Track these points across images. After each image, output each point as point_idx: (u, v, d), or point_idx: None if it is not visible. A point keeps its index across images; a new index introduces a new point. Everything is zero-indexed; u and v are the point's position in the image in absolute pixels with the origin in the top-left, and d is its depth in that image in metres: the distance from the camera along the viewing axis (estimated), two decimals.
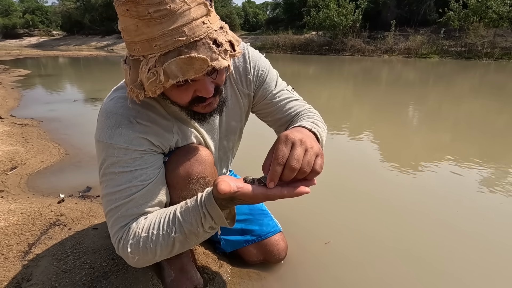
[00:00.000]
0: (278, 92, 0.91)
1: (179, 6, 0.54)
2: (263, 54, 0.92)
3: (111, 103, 0.71)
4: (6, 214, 1.24)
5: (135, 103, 0.69)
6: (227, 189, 0.57)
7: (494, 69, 10.02)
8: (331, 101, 4.66)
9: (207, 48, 0.57)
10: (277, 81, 0.92)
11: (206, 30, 0.57)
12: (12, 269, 0.96)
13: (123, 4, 0.54)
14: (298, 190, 0.59)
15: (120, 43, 31.21)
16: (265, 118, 0.96)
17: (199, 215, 0.65)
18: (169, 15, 0.54)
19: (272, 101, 0.90)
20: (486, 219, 1.39)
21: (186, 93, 0.64)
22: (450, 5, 15.45)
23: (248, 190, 0.60)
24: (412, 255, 1.15)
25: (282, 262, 1.08)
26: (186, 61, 0.56)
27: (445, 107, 4.17)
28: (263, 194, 0.60)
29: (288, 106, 0.91)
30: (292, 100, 0.92)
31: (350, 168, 1.99)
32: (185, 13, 0.55)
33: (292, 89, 0.95)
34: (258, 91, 0.90)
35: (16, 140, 2.29)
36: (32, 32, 42.70)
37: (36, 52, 19.48)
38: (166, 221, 0.68)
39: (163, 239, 0.67)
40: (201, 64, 0.56)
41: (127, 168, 0.68)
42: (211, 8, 0.59)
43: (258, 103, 0.92)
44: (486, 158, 2.12)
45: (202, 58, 0.56)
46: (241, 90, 0.88)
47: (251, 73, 0.86)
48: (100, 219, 1.28)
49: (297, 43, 20.71)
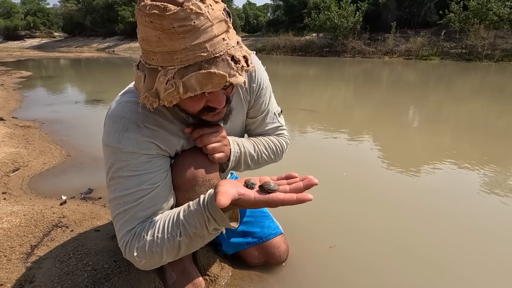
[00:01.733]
0: (267, 111, 0.97)
1: (202, 22, 0.55)
2: (264, 55, 0.95)
3: (119, 107, 0.72)
4: (9, 216, 1.24)
5: (143, 108, 0.71)
6: (227, 201, 0.58)
7: (495, 70, 10.03)
8: (332, 102, 4.67)
9: (226, 64, 0.58)
10: (270, 98, 0.97)
11: (225, 47, 0.59)
12: (15, 271, 0.96)
13: (147, 16, 0.54)
14: (298, 197, 0.60)
15: (121, 45, 31.33)
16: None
17: (203, 218, 0.66)
18: (192, 30, 0.55)
19: (257, 117, 0.96)
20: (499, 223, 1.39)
21: (198, 103, 0.65)
22: (451, 7, 15.47)
23: (249, 197, 0.62)
24: (415, 256, 1.15)
25: (284, 264, 1.09)
26: (206, 76, 0.57)
27: (446, 109, 4.17)
28: (264, 201, 0.61)
29: (263, 128, 0.98)
30: (272, 126, 0.99)
31: (351, 169, 1.99)
32: (208, 29, 0.56)
33: (280, 113, 1.02)
34: (254, 101, 0.92)
35: (18, 142, 2.30)
36: (34, 33, 42.90)
37: (37, 53, 19.55)
38: (170, 225, 0.69)
39: (168, 242, 0.68)
40: (220, 79, 0.58)
41: (136, 172, 0.69)
42: (230, 25, 0.61)
43: (248, 110, 0.95)
44: (488, 160, 2.12)
45: (222, 74, 0.57)
46: (245, 96, 0.90)
47: (255, 82, 0.89)
48: (102, 221, 1.29)
49: (298, 44, 20.74)
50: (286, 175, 0.69)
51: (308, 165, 2.05)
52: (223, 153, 0.80)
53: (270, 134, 0.99)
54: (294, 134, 2.78)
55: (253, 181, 0.66)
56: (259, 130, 0.99)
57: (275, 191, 0.63)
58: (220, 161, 0.81)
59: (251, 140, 0.93)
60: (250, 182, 0.65)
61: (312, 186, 0.63)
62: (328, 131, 2.88)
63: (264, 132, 0.99)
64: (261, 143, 0.94)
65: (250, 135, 1.01)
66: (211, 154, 0.78)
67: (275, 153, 0.97)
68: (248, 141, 0.92)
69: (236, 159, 0.86)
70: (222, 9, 0.59)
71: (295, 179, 0.68)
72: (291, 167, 1.56)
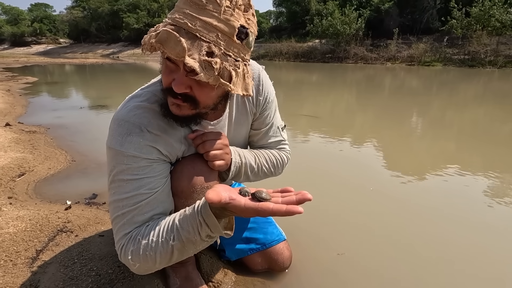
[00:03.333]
0: (271, 124, 0.98)
1: (211, 7, 0.58)
2: (267, 60, 0.96)
3: (125, 111, 0.73)
4: (15, 221, 1.26)
5: (147, 111, 0.72)
6: (215, 198, 0.59)
7: (498, 77, 10.00)
8: (335, 108, 4.68)
9: (197, 48, 0.58)
10: (275, 112, 0.99)
11: (212, 39, 0.59)
12: (20, 276, 0.97)
13: None
14: (288, 208, 0.59)
15: (125, 51, 31.69)
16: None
17: (196, 223, 0.67)
18: (199, 4, 0.58)
19: (261, 129, 0.97)
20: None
21: (166, 74, 0.66)
22: (453, 13, 15.53)
23: (239, 203, 0.62)
24: (418, 260, 1.14)
25: (287, 271, 1.08)
26: (172, 37, 0.57)
27: (449, 115, 4.16)
28: (254, 209, 0.61)
29: (266, 140, 0.99)
30: (275, 140, 1.01)
31: (354, 174, 1.99)
32: (211, 14, 0.59)
33: (283, 128, 1.04)
34: (259, 113, 0.94)
35: (24, 147, 2.33)
36: (40, 40, 43.53)
37: (43, 59, 19.84)
38: (165, 229, 0.69)
39: (162, 246, 0.68)
40: (179, 49, 0.57)
41: (136, 176, 0.70)
42: (237, 40, 0.61)
43: (252, 122, 0.97)
44: (491, 167, 2.11)
45: (183, 46, 0.57)
46: (251, 108, 0.91)
47: (262, 95, 0.91)
48: (106, 226, 1.30)
49: (300, 51, 20.86)
50: (281, 189, 0.68)
51: (309, 170, 2.05)
52: (223, 161, 0.80)
53: (272, 147, 1.00)
54: (296, 139, 2.79)
55: (247, 189, 0.66)
56: (262, 143, 1.00)
57: (267, 200, 0.62)
58: (220, 169, 0.81)
59: (253, 152, 0.93)
60: (244, 190, 0.65)
61: (305, 201, 0.61)
62: (331, 137, 2.89)
63: (266, 145, 1.00)
64: (262, 156, 0.95)
65: (252, 147, 1.02)
66: (212, 161, 0.79)
67: (275, 167, 0.98)
68: (250, 152, 0.92)
69: (236, 169, 0.86)
70: (240, 23, 0.61)
71: (289, 193, 0.67)
72: (293, 171, 1.57)
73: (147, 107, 0.74)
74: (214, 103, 0.71)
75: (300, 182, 1.79)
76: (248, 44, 0.64)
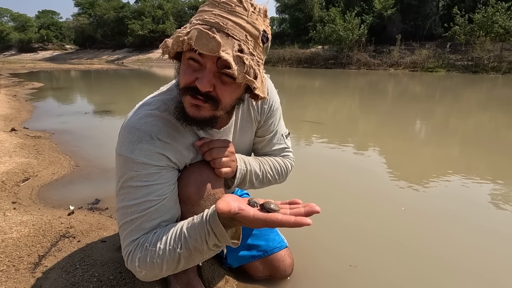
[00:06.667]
0: (275, 131, 0.99)
1: (239, 10, 0.62)
2: (270, 66, 0.98)
3: (135, 118, 0.74)
4: (18, 226, 1.26)
5: (157, 119, 0.73)
6: (226, 208, 0.59)
7: (502, 83, 9.96)
8: (338, 114, 4.68)
9: (230, 44, 0.61)
10: (279, 120, 1.00)
11: (242, 38, 0.62)
12: (22, 281, 0.98)
13: None
14: (296, 220, 0.59)
15: (130, 57, 32.08)
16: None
17: (204, 232, 0.67)
18: (228, 7, 0.62)
19: (265, 136, 0.98)
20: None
21: (188, 73, 0.65)
22: (456, 20, 15.56)
23: (248, 213, 0.62)
24: (420, 265, 1.13)
25: (288, 278, 1.08)
26: (206, 35, 0.59)
27: (453, 122, 4.14)
28: (263, 220, 0.61)
29: (270, 148, 1.00)
30: (279, 147, 1.01)
31: (357, 180, 1.98)
32: (239, 15, 0.62)
33: (287, 135, 1.05)
34: (264, 121, 0.95)
35: (29, 152, 2.35)
36: (46, 46, 44.26)
37: (49, 65, 20.13)
38: (173, 237, 0.70)
39: (169, 254, 0.69)
40: (214, 44, 0.58)
41: (145, 183, 0.71)
42: (260, 43, 0.65)
43: (257, 129, 0.97)
44: (496, 174, 2.09)
45: (218, 41, 0.58)
46: (255, 116, 0.92)
47: (267, 104, 0.92)
48: (109, 231, 1.30)
49: (303, 57, 20.99)
50: (290, 201, 0.68)
51: (311, 176, 2.05)
52: (229, 168, 0.81)
53: (276, 154, 1.01)
54: (299, 145, 2.79)
55: (256, 200, 0.66)
56: (266, 150, 1.00)
57: (275, 211, 0.62)
58: (226, 176, 0.82)
59: (257, 159, 0.94)
60: (253, 200, 0.66)
61: (314, 213, 0.61)
62: (334, 143, 2.89)
63: (270, 152, 1.01)
64: (266, 163, 0.95)
65: (256, 154, 1.02)
66: (218, 168, 0.80)
67: (280, 174, 0.99)
68: (255, 160, 0.93)
69: (242, 176, 0.87)
70: (263, 28, 0.65)
71: (297, 205, 0.66)
72: (297, 178, 1.56)
73: (157, 115, 0.74)
74: (232, 105, 0.72)
75: (303, 189, 1.79)
76: (267, 48, 0.67)
